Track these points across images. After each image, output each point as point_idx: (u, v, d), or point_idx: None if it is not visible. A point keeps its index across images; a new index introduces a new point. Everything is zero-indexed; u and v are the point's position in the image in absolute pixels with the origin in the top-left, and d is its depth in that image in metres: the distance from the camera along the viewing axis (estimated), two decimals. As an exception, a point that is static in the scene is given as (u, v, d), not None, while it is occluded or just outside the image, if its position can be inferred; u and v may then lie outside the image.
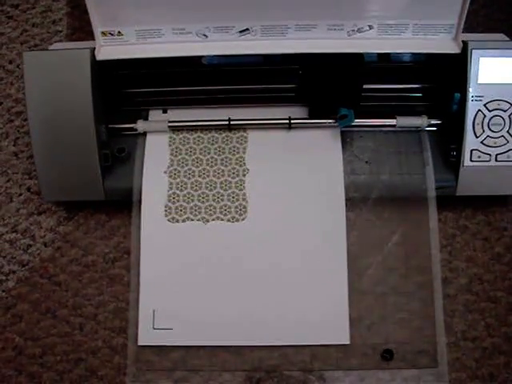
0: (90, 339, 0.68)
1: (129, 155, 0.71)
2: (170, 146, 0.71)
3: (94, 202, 0.72)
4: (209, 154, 0.71)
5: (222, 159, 0.70)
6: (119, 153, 0.70)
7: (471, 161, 0.68)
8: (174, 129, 0.71)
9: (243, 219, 0.68)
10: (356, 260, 0.68)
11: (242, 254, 0.68)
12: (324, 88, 0.70)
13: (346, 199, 0.68)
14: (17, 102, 0.82)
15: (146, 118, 0.73)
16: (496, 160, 0.68)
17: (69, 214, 0.75)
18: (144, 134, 0.72)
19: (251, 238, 0.68)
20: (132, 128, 0.71)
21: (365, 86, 0.72)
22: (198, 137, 0.71)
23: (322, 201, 0.68)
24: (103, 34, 0.68)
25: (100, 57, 0.68)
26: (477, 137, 0.68)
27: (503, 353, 0.66)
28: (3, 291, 0.71)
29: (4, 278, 0.72)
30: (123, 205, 0.71)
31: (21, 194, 0.76)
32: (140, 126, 0.71)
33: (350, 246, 0.68)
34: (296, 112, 0.72)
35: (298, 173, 0.70)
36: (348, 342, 0.66)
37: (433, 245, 0.69)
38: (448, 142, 0.70)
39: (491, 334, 0.67)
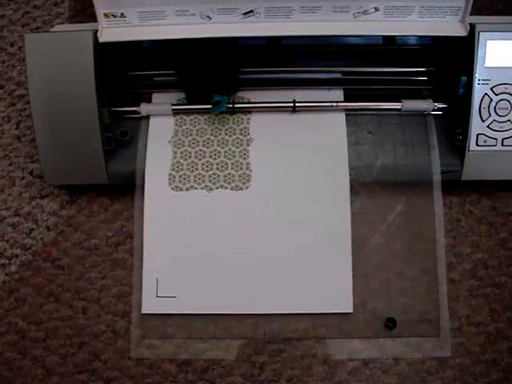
0: (93, 323, 0.68)
1: (132, 138, 0.70)
2: (174, 116, 0.71)
3: (96, 185, 0.72)
4: (213, 124, 0.71)
5: (226, 129, 0.71)
6: (122, 136, 0.70)
7: (477, 145, 0.67)
8: (177, 112, 0.71)
9: (247, 187, 0.69)
10: (360, 244, 0.68)
11: (245, 222, 0.68)
12: (200, 73, 0.69)
13: (350, 181, 0.68)
14: (19, 85, 0.81)
15: (149, 101, 0.72)
16: (502, 144, 0.68)
17: (71, 197, 0.74)
18: (147, 116, 0.71)
19: (254, 206, 0.68)
20: (135, 111, 0.71)
21: (370, 69, 0.71)
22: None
23: (326, 172, 0.68)
24: (106, 15, 0.67)
25: (102, 39, 0.67)
26: (483, 121, 0.67)
27: (507, 338, 0.66)
28: (6, 275, 0.71)
29: (7, 261, 0.72)
30: (126, 188, 0.70)
31: (23, 178, 0.76)
32: (143, 108, 0.70)
33: (353, 226, 0.67)
34: (301, 95, 0.71)
35: (302, 143, 0.70)
36: (351, 311, 0.66)
37: (437, 230, 0.68)
38: (454, 126, 0.69)
39: (495, 319, 0.67)
